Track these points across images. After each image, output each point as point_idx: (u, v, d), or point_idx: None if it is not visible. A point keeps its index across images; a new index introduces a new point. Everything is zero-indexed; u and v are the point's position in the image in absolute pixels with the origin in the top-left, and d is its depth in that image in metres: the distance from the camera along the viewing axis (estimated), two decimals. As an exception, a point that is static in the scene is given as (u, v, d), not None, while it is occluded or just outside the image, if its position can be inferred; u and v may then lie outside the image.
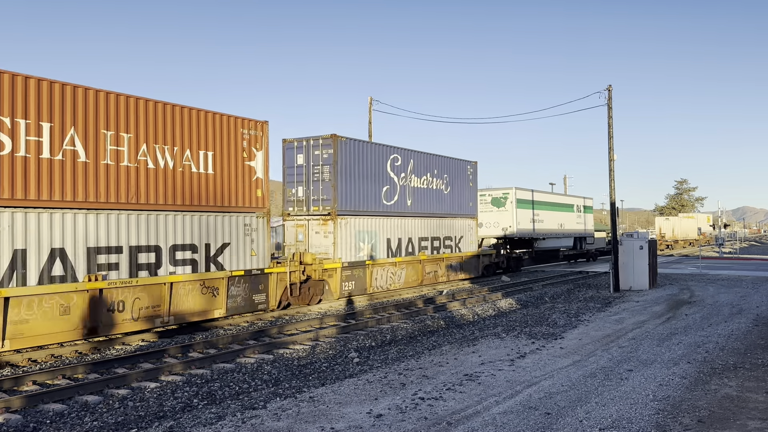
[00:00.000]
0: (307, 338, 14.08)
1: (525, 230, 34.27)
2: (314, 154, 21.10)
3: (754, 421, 7.11)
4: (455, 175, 27.59)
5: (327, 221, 20.59)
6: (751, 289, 22.26)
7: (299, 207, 21.42)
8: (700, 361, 10.38)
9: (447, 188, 26.81)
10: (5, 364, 11.59)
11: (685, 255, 52.17)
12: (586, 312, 17.06)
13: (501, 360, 10.73)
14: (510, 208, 33.56)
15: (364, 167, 21.89)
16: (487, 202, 34.14)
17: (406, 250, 23.89)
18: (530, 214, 34.97)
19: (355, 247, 21.14)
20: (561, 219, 39.45)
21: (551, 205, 38.32)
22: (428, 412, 7.66)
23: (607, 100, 24.66)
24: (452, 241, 27.01)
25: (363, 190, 21.82)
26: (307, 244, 20.95)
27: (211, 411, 8.28)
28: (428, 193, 25.51)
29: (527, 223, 34.54)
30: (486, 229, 33.81)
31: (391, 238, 23.06)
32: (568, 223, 40.72)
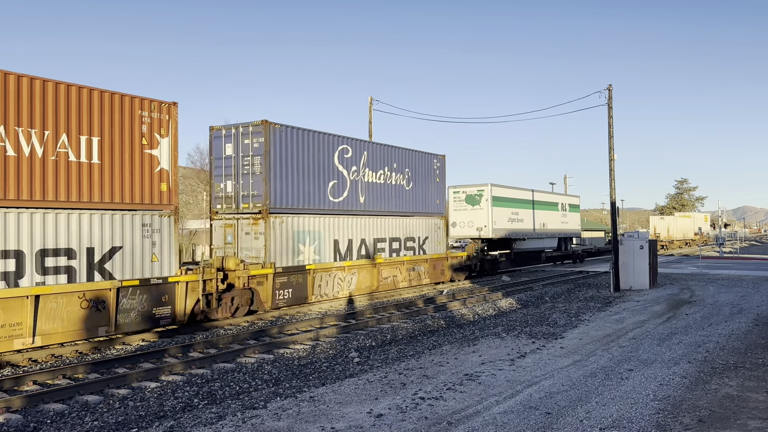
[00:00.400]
0: (307, 338, 14.08)
1: (502, 230, 31.95)
2: (244, 144, 18.39)
3: (754, 421, 7.10)
4: (419, 169, 25.37)
5: (258, 220, 17.96)
6: (752, 288, 22.25)
7: (228, 204, 18.77)
8: (701, 360, 10.38)
9: (409, 184, 24.52)
10: (6, 364, 11.59)
11: (685, 255, 52.16)
12: (587, 312, 17.06)
13: (501, 360, 10.72)
14: (485, 206, 31.04)
15: (305, 159, 19.37)
16: (460, 200, 31.79)
17: (359, 252, 21.52)
18: (508, 212, 32.68)
19: (292, 250, 18.62)
20: (543, 218, 36.96)
21: (532, 203, 35.81)
22: (429, 412, 7.66)
23: (607, 99, 24.65)
24: (415, 243, 24.69)
25: (304, 185, 19.33)
26: (237, 247, 18.38)
27: (212, 411, 8.28)
28: (386, 189, 23.17)
29: (504, 223, 32.24)
30: (460, 229, 31.65)
31: (340, 240, 20.60)
32: (552, 223, 38.24)
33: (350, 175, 21.36)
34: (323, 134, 20.22)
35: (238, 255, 18.14)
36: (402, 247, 23.92)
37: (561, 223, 39.64)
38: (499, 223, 31.66)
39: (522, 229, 34.11)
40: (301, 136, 19.34)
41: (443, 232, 26.87)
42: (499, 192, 31.91)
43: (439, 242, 26.49)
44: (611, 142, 24.71)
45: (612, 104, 24.63)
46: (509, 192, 33.28)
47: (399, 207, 24.03)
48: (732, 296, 19.88)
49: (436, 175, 26.60)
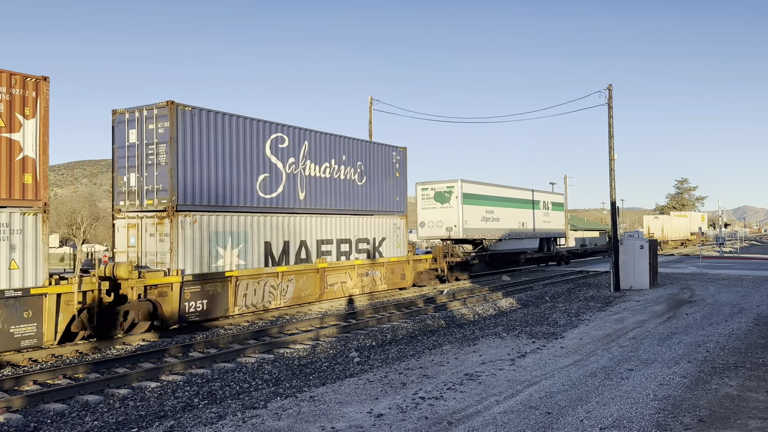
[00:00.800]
0: (307, 338, 14.08)
1: (475, 230, 29.61)
2: (148, 129, 15.71)
3: (754, 421, 7.10)
4: (374, 163, 22.67)
5: (162, 220, 15.30)
6: (752, 288, 22.24)
7: (132, 200, 15.98)
8: (701, 360, 10.38)
9: (362, 179, 21.89)
10: (6, 364, 11.59)
11: (685, 254, 52.15)
12: (587, 311, 17.06)
13: (501, 359, 10.72)
14: (455, 204, 28.72)
15: (227, 148, 16.77)
16: (429, 198, 29.52)
17: (298, 256, 18.88)
18: (482, 211, 30.31)
19: (208, 255, 15.97)
20: (523, 217, 34.66)
21: (510, 201, 33.41)
22: (429, 412, 7.66)
23: (607, 99, 24.65)
24: (369, 244, 22.07)
25: (225, 179, 16.70)
26: (140, 251, 15.71)
27: (212, 410, 8.28)
28: (332, 185, 20.54)
29: (477, 222, 29.93)
30: (429, 229, 29.45)
31: (273, 242, 17.95)
32: (532, 222, 35.88)
33: (286, 167, 18.74)
34: (250, 120, 17.54)
35: (143, 260, 15.62)
36: (353, 250, 21.31)
37: (543, 222, 37.24)
38: (472, 223, 29.42)
39: (498, 228, 31.82)
40: (221, 122, 16.66)
41: (404, 233, 24.13)
42: (471, 188, 29.60)
43: (400, 244, 23.80)
44: (611, 142, 24.71)
45: (612, 104, 24.63)
46: (483, 189, 30.93)
47: (349, 204, 21.40)
48: (732, 296, 19.88)
49: (395, 169, 23.90)
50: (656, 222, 67.04)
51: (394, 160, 23.88)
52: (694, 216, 75.53)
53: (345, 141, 21.30)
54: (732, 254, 52.97)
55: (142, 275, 14.34)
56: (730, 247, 68.52)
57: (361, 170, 22.06)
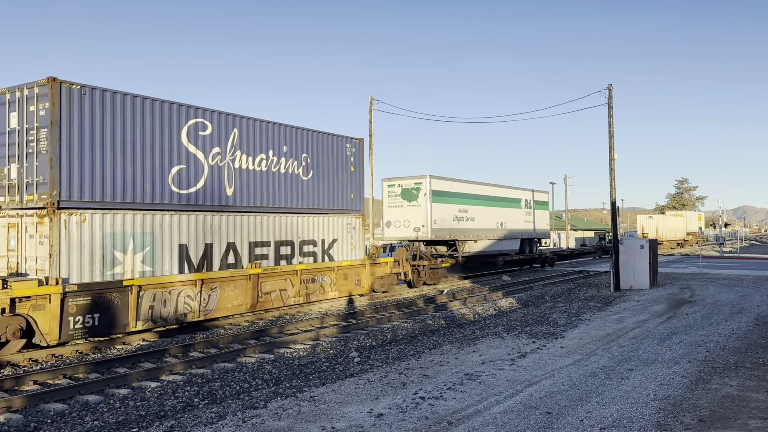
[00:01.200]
0: (307, 338, 14.09)
1: (445, 230, 27.30)
2: (29, 112, 13.27)
3: (755, 420, 7.10)
4: (323, 155, 20.20)
5: (42, 218, 12.86)
6: (752, 288, 22.25)
7: (12, 196, 13.51)
8: (701, 360, 10.38)
9: (307, 173, 19.35)
10: (6, 364, 11.59)
11: (685, 254, 52.15)
12: (587, 311, 17.06)
13: (502, 359, 10.73)
14: (423, 201, 26.32)
15: (128, 135, 14.28)
16: (395, 195, 27.15)
17: (224, 261, 16.30)
18: (454, 209, 27.98)
19: (101, 260, 13.46)
20: (501, 216, 32.23)
21: (486, 199, 31.07)
22: (429, 412, 7.66)
23: (607, 99, 24.65)
24: (316, 247, 19.48)
25: (124, 171, 14.24)
26: (19, 256, 13.31)
27: (212, 410, 8.28)
28: (270, 179, 18.07)
29: (449, 222, 27.57)
30: (395, 229, 27.08)
31: (190, 244, 15.38)
32: (512, 222, 33.39)
33: (209, 158, 16.22)
34: (161, 102, 15.06)
35: (22, 267, 13.24)
36: (296, 253, 18.70)
37: (524, 222, 34.88)
38: (442, 222, 27.08)
39: (473, 229, 29.47)
40: (122, 104, 14.25)
41: (360, 234, 21.45)
42: (440, 185, 27.18)
43: (354, 246, 21.16)
44: (611, 142, 24.71)
45: (612, 104, 24.63)
46: (455, 185, 28.53)
47: (291, 202, 18.89)
48: (732, 296, 19.88)
49: (349, 163, 21.31)
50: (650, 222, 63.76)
51: (348, 153, 21.27)
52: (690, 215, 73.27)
53: (286, 130, 18.81)
54: (732, 254, 52.98)
55: (8, 285, 11.77)
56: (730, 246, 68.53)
57: (307, 163, 19.48)
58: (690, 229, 69.76)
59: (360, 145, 22.11)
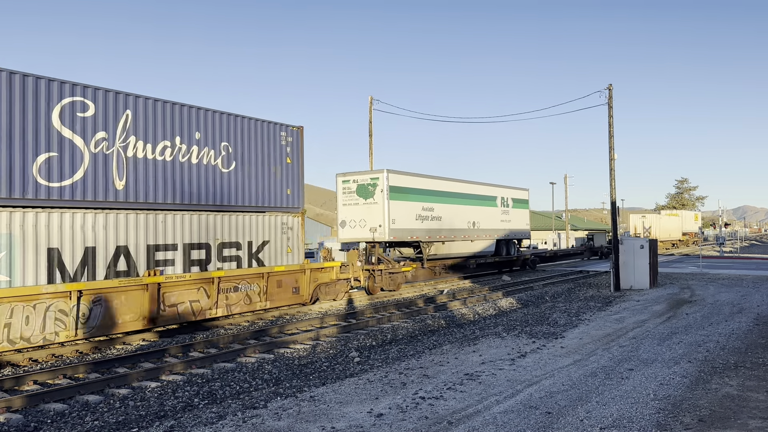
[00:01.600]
0: (307, 338, 14.09)
1: (406, 230, 24.53)
2: None
3: (755, 420, 7.10)
4: (250, 144, 17.42)
5: None
6: (752, 288, 22.25)
7: None
8: (701, 360, 10.38)
9: (228, 164, 16.66)
10: (6, 364, 11.60)
11: (685, 254, 52.15)
12: (587, 311, 17.07)
13: (502, 359, 10.73)
14: (380, 199, 23.56)
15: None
16: (351, 192, 24.48)
17: (113, 268, 13.73)
18: (416, 207, 25.25)
19: None
20: (473, 215, 29.42)
21: (456, 197, 28.28)
22: (429, 412, 7.66)
23: (607, 99, 24.66)
24: (241, 250, 16.74)
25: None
26: None
27: (212, 410, 8.28)
28: (175, 171, 15.31)
29: (410, 221, 24.83)
30: (350, 229, 24.32)
31: (65, 249, 12.91)
32: (487, 221, 30.66)
33: (91, 145, 13.73)
34: (21, 76, 12.67)
35: None
36: (213, 258, 16.02)
37: (501, 221, 32.20)
38: (402, 222, 24.28)
39: (440, 229, 26.71)
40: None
41: (298, 235, 18.78)
42: (400, 180, 24.52)
43: (291, 249, 18.53)
44: (611, 142, 24.71)
45: (612, 104, 24.64)
46: (418, 181, 25.74)
47: (206, 198, 16.10)
48: (732, 296, 19.89)
49: (285, 154, 18.59)
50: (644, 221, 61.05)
51: (283, 142, 18.53)
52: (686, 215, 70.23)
53: (199, 114, 16.02)
54: (732, 254, 53.00)
55: None
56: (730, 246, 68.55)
57: (228, 153, 16.76)
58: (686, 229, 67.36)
59: (299, 134, 19.19)
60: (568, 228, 63.48)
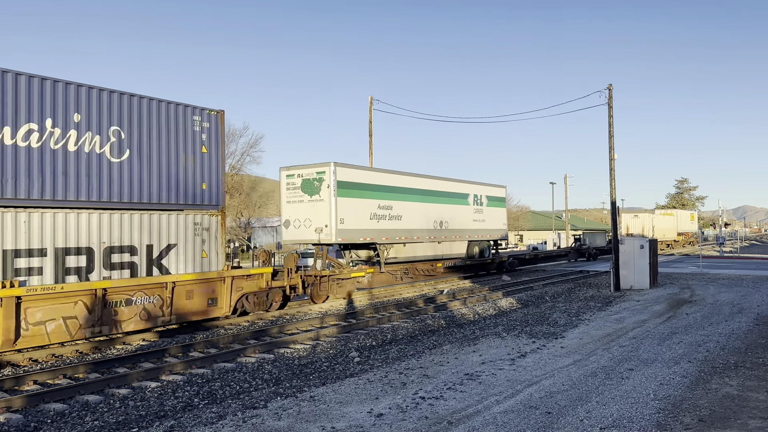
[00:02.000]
0: (307, 338, 14.09)
1: (358, 231, 21.92)
2: None
3: (755, 420, 7.10)
4: (151, 130, 14.61)
5: None
6: (752, 288, 22.25)
7: None
8: (701, 360, 10.38)
9: (119, 153, 13.98)
10: (6, 364, 11.60)
11: (685, 254, 52.15)
12: (587, 311, 17.07)
13: (502, 359, 10.73)
14: (327, 195, 20.95)
15: None
16: (295, 188, 21.75)
17: None
18: (371, 206, 22.60)
19: None
20: (441, 214, 26.76)
21: (419, 194, 25.40)
22: (429, 412, 7.66)
23: (607, 99, 24.67)
24: (136, 256, 14.00)
25: None
26: None
27: (212, 410, 8.28)
28: (44, 160, 12.65)
29: (363, 220, 22.24)
30: (294, 230, 21.65)
31: None
32: (457, 221, 28.05)
33: None
34: None
35: None
36: (98, 266, 13.24)
37: (473, 221, 29.47)
38: (353, 221, 21.68)
39: (399, 229, 23.97)
40: None
41: (219, 237, 15.80)
42: (350, 175, 21.81)
43: (206, 253, 15.50)
44: (611, 142, 24.71)
45: (612, 104, 24.65)
46: (371, 176, 23.05)
47: (88, 193, 13.37)
48: (732, 295, 19.89)
49: (200, 142, 15.60)
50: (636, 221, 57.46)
51: (196, 128, 15.50)
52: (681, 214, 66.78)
53: (79, 92, 13.32)
54: (732, 254, 53.01)
55: None
56: (730, 246, 68.56)
57: (120, 140, 14.01)
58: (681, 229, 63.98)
59: (218, 120, 16.07)
60: (568, 228, 63.51)
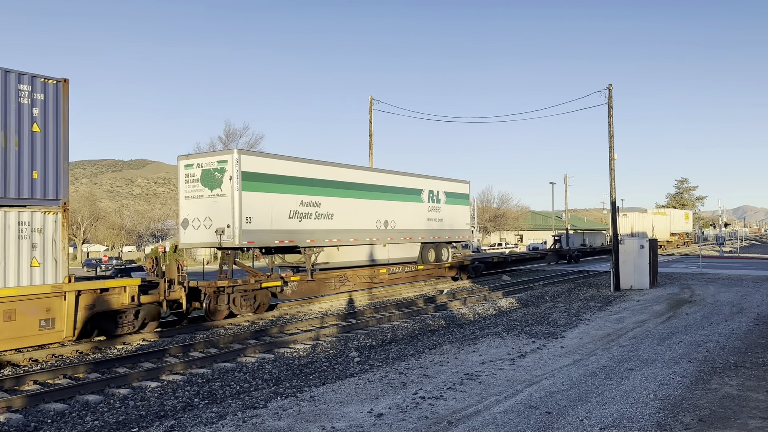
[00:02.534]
0: (307, 337, 14.09)
1: (273, 232, 17.99)
2: None
3: (755, 420, 7.11)
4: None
5: None
6: (752, 288, 22.25)
7: None
8: (701, 360, 10.38)
9: None
10: (6, 364, 11.60)
11: (685, 254, 52.13)
12: (587, 311, 17.07)
13: (501, 359, 10.73)
14: (229, 189, 17.02)
15: None
16: (194, 180, 17.75)
17: None
18: (290, 202, 18.58)
19: None
20: (386, 213, 22.66)
21: (356, 188, 21.31)
22: (429, 411, 7.66)
23: (607, 99, 24.67)
24: None
25: None
26: None
27: (212, 410, 8.28)
28: None
29: (280, 220, 18.25)
30: (193, 231, 17.68)
31: None
32: (408, 220, 23.84)
33: None
34: None
35: None
36: None
37: (428, 220, 25.37)
38: (263, 220, 17.66)
39: (330, 230, 19.99)
40: None
41: (57, 240, 12.57)
42: (258, 165, 17.79)
43: (39, 262, 12.25)
44: (611, 142, 24.72)
45: (612, 104, 24.65)
46: (288, 166, 18.73)
47: None
48: (732, 295, 19.89)
49: (30, 118, 12.42)
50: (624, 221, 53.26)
51: (23, 100, 12.26)
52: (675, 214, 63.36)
53: None
54: (732, 254, 53.00)
55: None
56: (730, 246, 68.57)
57: None
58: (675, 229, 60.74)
59: (58, 91, 12.86)
60: (568, 228, 63.54)
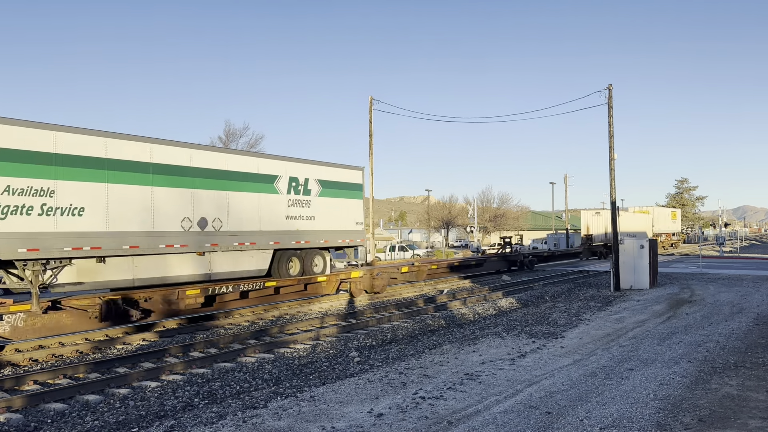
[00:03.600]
0: (307, 337, 14.09)
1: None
2: None
3: (754, 420, 7.11)
4: None
5: None
6: (752, 288, 22.25)
7: None
8: (701, 360, 10.38)
9: None
10: (6, 364, 11.61)
11: (686, 254, 52.13)
12: (587, 311, 17.06)
13: (501, 359, 10.73)
14: None
15: None
16: None
17: None
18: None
19: None
20: (207, 207, 16.54)
21: (140, 169, 14.86)
22: (429, 411, 7.66)
23: (607, 99, 24.66)
24: None
25: None
26: None
27: (212, 410, 8.28)
28: None
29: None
30: None
31: None
32: (245, 218, 17.67)
33: None
34: None
35: None
36: None
37: (287, 218, 19.13)
38: None
39: (76, 232, 13.52)
40: None
41: None
42: None
43: None
44: (611, 142, 24.71)
45: (612, 104, 24.64)
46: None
47: None
48: (732, 295, 19.88)
49: None
50: (597, 219, 45.84)
51: None
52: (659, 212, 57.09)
53: None
54: (732, 254, 53.01)
55: None
56: (730, 246, 68.58)
57: None
58: (659, 229, 54.70)
59: None
60: (568, 228, 63.51)
